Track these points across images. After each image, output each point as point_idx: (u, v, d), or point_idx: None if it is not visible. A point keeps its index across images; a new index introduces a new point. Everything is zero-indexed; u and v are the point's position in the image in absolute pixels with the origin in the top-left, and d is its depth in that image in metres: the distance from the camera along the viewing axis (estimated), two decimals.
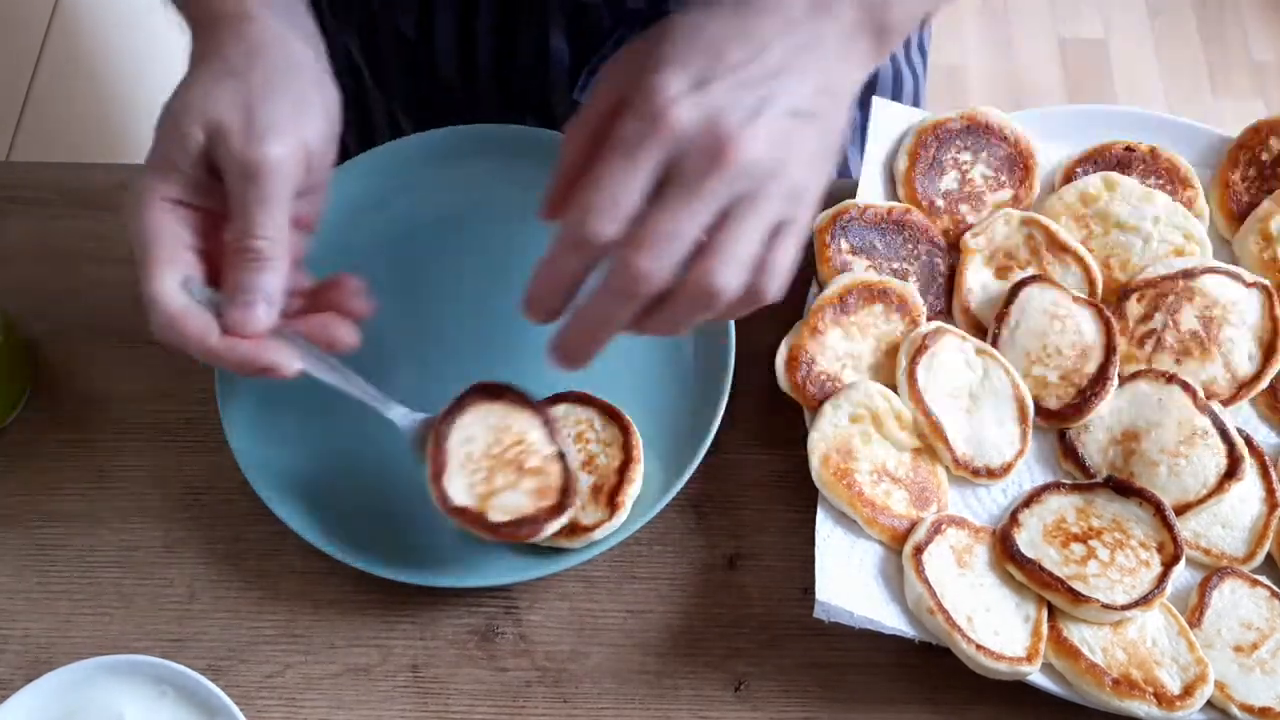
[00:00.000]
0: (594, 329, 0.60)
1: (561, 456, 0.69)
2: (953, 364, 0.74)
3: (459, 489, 0.67)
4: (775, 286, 0.58)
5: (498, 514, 0.66)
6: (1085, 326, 0.75)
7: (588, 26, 0.85)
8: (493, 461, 0.68)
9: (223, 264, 0.63)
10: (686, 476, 0.72)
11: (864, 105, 0.98)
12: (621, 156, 0.56)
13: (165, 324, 0.62)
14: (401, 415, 0.69)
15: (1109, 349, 0.75)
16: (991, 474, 0.73)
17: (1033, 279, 0.76)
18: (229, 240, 0.62)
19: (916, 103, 1.03)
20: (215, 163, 0.62)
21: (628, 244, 0.56)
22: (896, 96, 0.99)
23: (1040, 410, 0.74)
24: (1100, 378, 0.74)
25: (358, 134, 0.99)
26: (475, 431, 0.69)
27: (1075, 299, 0.76)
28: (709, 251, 0.56)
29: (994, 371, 0.74)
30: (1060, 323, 0.75)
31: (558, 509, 0.67)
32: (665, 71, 0.56)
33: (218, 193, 0.63)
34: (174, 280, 0.62)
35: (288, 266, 0.63)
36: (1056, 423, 0.74)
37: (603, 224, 0.56)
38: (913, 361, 0.73)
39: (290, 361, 0.64)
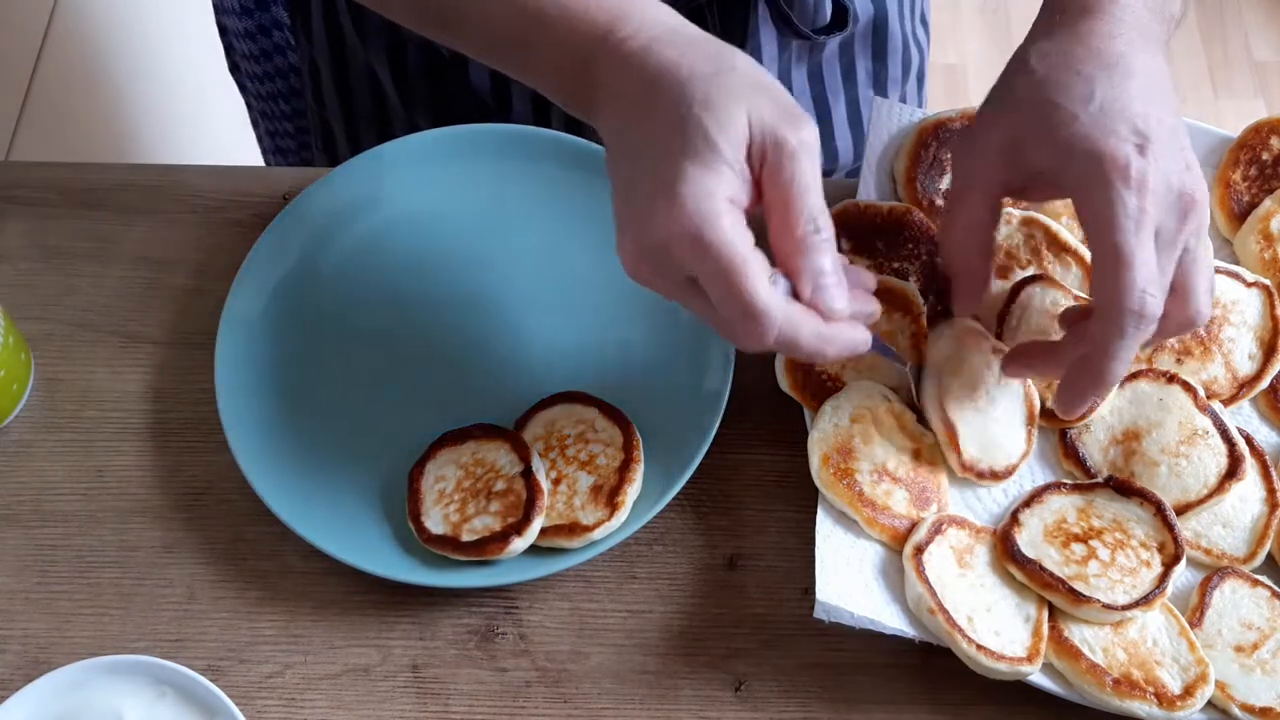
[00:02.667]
0: (1108, 382, 0.65)
1: (527, 473, 0.70)
2: (976, 364, 0.74)
3: (435, 521, 0.71)
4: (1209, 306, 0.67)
5: (469, 536, 0.70)
6: None
7: None
8: (464, 493, 0.71)
9: (783, 249, 0.59)
10: (686, 476, 0.72)
11: (883, 89, 0.98)
12: (1134, 232, 0.61)
13: (783, 329, 0.58)
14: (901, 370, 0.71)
15: None
16: (995, 476, 0.73)
17: (1034, 279, 0.76)
18: (796, 227, 0.59)
19: (922, 77, 1.03)
20: (757, 155, 0.58)
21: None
22: (905, 70, 0.99)
23: (1042, 410, 0.74)
24: None
25: None
26: (446, 471, 0.72)
27: (1076, 298, 0.76)
28: (1178, 295, 0.65)
29: None
30: None
31: (524, 524, 0.69)
32: (1106, 138, 0.62)
33: (749, 182, 0.59)
34: (769, 283, 0.58)
35: None
36: (1058, 422, 0.74)
37: (1158, 297, 0.62)
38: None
39: (868, 336, 0.63)
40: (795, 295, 0.60)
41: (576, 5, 0.62)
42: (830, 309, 0.59)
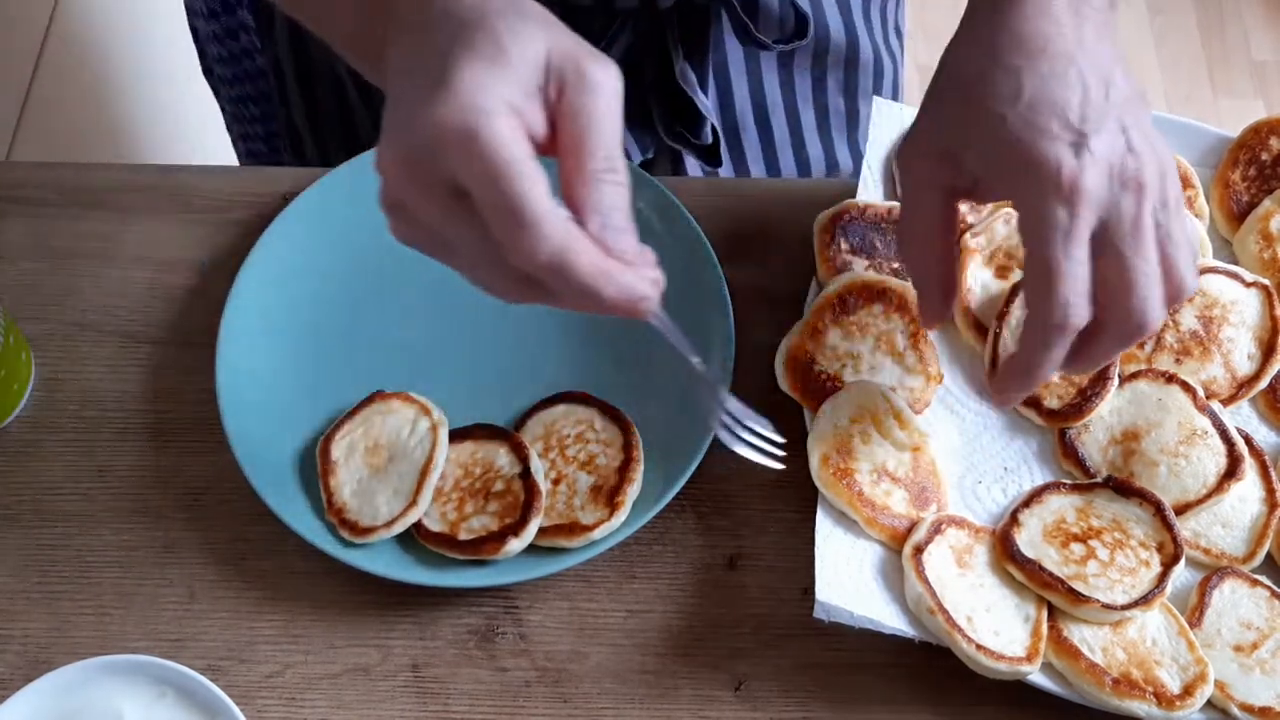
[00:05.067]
0: (1036, 375, 0.64)
1: (526, 475, 0.70)
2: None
3: (432, 519, 0.71)
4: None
5: (465, 535, 0.70)
6: None
7: (578, 29, 0.85)
8: (461, 492, 0.71)
9: (575, 186, 0.54)
10: (686, 476, 0.72)
11: (853, 99, 0.98)
12: (1057, 245, 0.60)
13: (559, 246, 0.52)
14: (698, 363, 0.65)
15: None
16: None
17: None
18: (589, 163, 0.53)
19: (897, 87, 1.03)
20: (555, 87, 0.54)
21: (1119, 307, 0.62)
22: (879, 80, 1.00)
23: (1040, 410, 0.74)
24: (1100, 377, 0.74)
25: (347, 153, 0.98)
26: (444, 470, 0.72)
27: None
28: (1140, 285, 0.61)
29: None
30: None
31: (521, 525, 0.69)
32: (1041, 139, 0.60)
33: (538, 112, 0.54)
34: (552, 200, 0.52)
35: None
36: (1057, 422, 0.74)
37: (1082, 310, 0.60)
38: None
39: (657, 295, 0.56)
40: None
41: None
42: (617, 247, 0.54)
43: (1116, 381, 0.75)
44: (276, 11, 0.93)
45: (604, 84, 0.54)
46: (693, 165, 0.94)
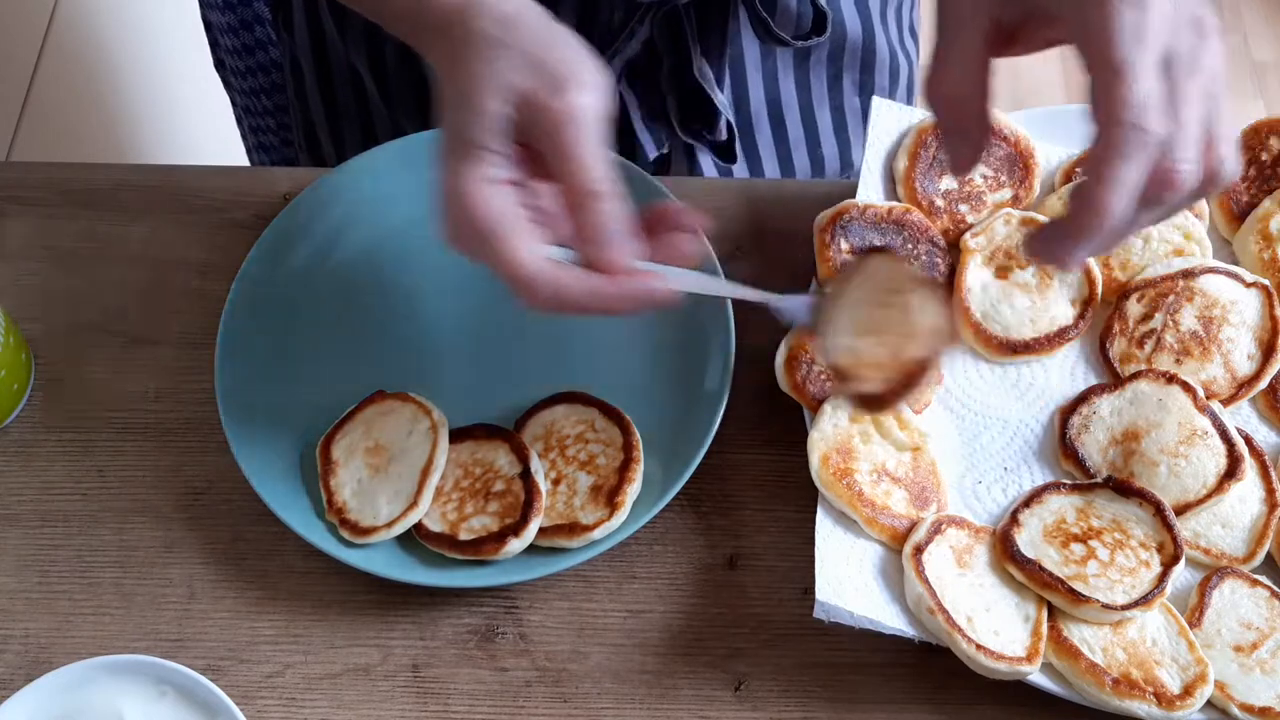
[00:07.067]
0: (1127, 228, 0.59)
1: (526, 474, 0.70)
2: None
3: (433, 518, 0.71)
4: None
5: (466, 535, 0.70)
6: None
7: (598, 22, 0.85)
8: (461, 493, 0.72)
9: (569, 218, 0.61)
10: (686, 476, 0.72)
11: (869, 99, 0.98)
12: (1133, 47, 0.56)
13: (549, 289, 0.59)
14: (784, 299, 0.67)
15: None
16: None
17: (878, 250, 0.75)
18: (570, 191, 0.60)
19: (912, 86, 1.03)
20: (527, 128, 0.60)
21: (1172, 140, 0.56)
22: (894, 80, 1.00)
23: (859, 396, 0.69)
24: (921, 367, 0.67)
25: (364, 151, 0.98)
26: (444, 470, 0.72)
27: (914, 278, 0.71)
28: (1186, 144, 0.57)
29: None
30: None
31: (521, 525, 0.69)
32: (1118, 55, 0.56)
33: (524, 162, 0.61)
34: (535, 248, 0.60)
35: (622, 200, 0.61)
36: (873, 408, 0.70)
37: (1160, 116, 0.56)
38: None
39: (666, 286, 0.61)
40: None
41: None
42: (604, 261, 0.60)
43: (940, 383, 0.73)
44: (295, 4, 0.94)
45: (570, 112, 0.59)
46: (707, 163, 0.94)
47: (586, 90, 0.59)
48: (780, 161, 0.96)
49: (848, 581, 0.68)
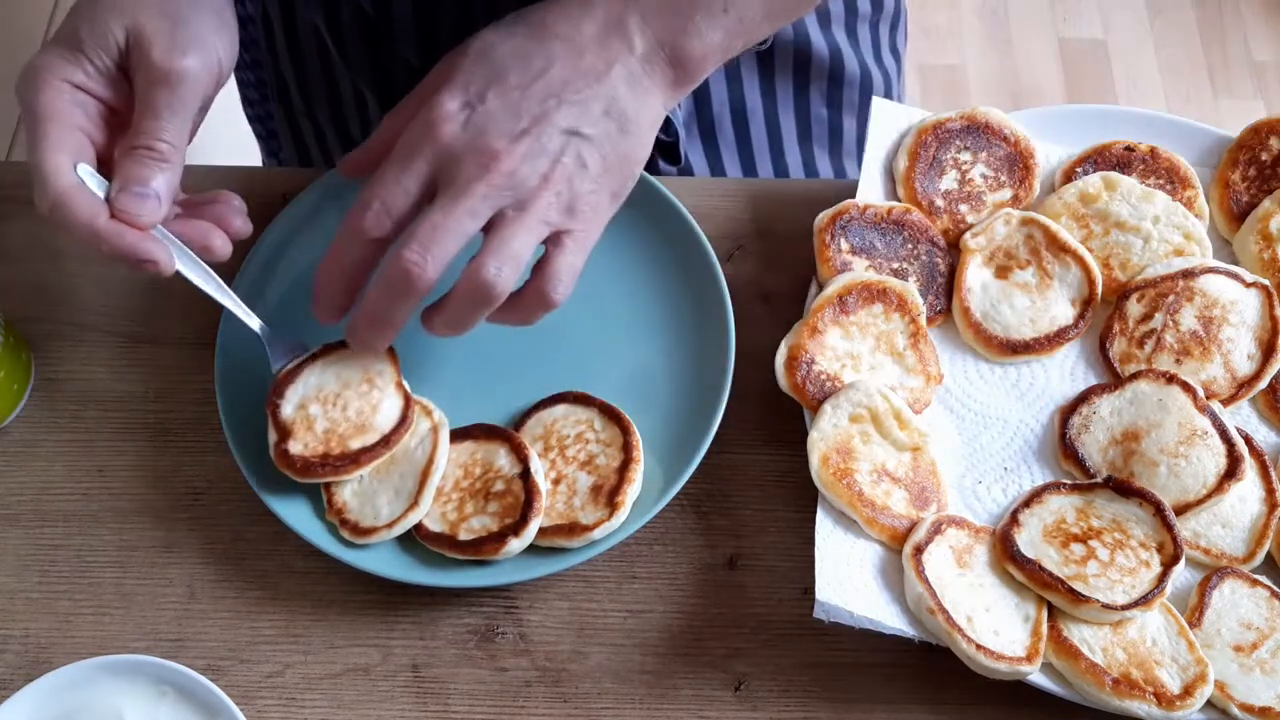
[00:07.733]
0: (377, 322, 0.66)
1: (526, 474, 0.70)
2: None
3: (433, 519, 0.71)
4: (559, 289, 0.64)
5: (466, 535, 0.70)
6: None
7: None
8: (462, 493, 0.72)
9: (117, 158, 0.64)
10: (686, 476, 0.72)
11: (837, 111, 0.98)
12: (395, 161, 0.63)
13: (54, 200, 0.62)
14: (260, 326, 0.72)
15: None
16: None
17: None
18: (133, 137, 0.63)
19: (889, 98, 1.03)
20: (130, 64, 0.64)
21: (400, 240, 0.62)
22: (864, 96, 0.99)
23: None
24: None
25: (330, 112, 0.99)
26: (444, 470, 0.72)
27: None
28: (481, 250, 0.62)
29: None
30: None
31: (521, 526, 0.69)
32: (447, 89, 0.64)
33: (119, 90, 0.65)
34: (67, 158, 0.62)
35: (179, 174, 0.65)
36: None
37: (372, 219, 0.63)
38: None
39: (169, 259, 0.64)
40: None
41: None
42: (124, 211, 0.62)
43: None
44: None
45: (169, 75, 0.63)
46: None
47: (202, 57, 0.64)
48: (743, 166, 0.96)
49: (848, 581, 0.68)
